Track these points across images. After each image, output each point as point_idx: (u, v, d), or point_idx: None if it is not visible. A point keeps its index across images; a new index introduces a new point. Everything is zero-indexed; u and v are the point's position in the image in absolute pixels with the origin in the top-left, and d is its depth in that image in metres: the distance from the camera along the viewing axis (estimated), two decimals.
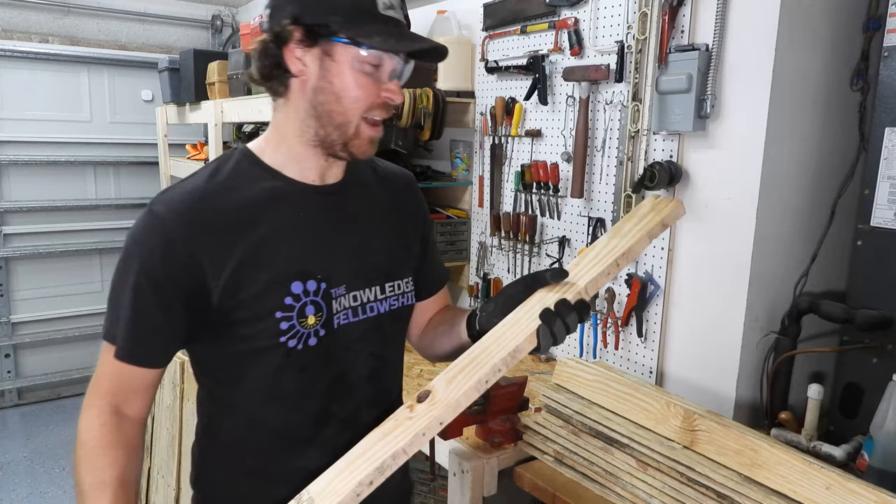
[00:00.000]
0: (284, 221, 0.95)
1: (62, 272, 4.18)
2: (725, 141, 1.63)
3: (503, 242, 2.34)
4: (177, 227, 0.89)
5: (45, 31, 3.95)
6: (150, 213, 0.91)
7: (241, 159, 0.98)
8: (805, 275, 1.70)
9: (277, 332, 0.92)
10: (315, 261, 0.96)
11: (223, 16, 4.52)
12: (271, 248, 0.93)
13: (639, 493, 1.29)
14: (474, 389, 0.85)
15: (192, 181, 0.95)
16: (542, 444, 1.49)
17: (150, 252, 0.89)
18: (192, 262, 0.88)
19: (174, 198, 0.92)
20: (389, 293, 1.05)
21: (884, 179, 1.49)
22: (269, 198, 0.95)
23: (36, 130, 3.98)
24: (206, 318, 0.92)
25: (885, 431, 1.30)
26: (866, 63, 1.65)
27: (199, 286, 0.89)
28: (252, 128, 3.14)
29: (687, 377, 1.77)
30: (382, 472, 0.81)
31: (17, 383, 4.08)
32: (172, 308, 0.90)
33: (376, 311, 1.03)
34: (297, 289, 0.93)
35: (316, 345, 0.96)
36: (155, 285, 0.89)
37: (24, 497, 3.12)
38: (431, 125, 2.27)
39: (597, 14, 1.92)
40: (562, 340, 0.91)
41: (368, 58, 0.90)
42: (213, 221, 0.91)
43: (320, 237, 0.98)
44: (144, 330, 0.91)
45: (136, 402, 0.95)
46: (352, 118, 0.92)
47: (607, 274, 0.93)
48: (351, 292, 1.00)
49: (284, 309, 0.92)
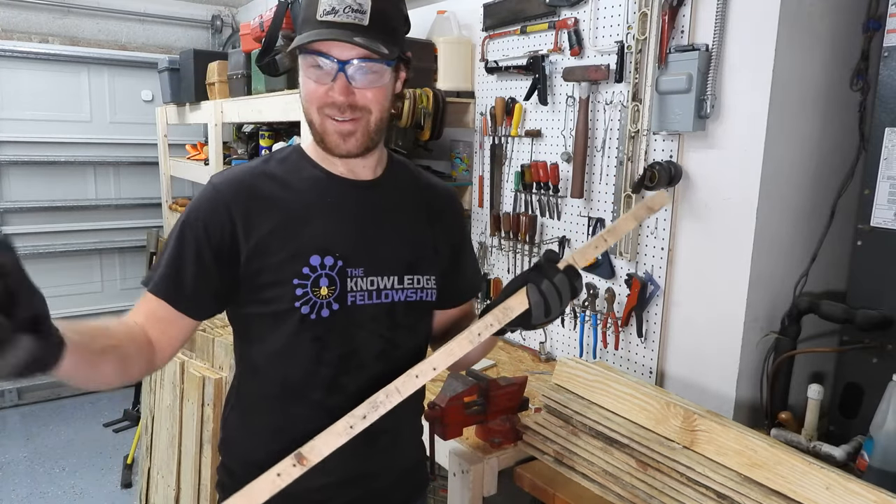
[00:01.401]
0: (314, 203, 1.07)
1: (62, 272, 4.18)
2: (725, 141, 1.63)
3: (503, 242, 2.34)
4: (225, 192, 1.04)
5: (45, 31, 3.95)
6: (210, 184, 1.07)
7: (292, 152, 1.14)
8: (805, 275, 1.70)
9: (293, 297, 1.02)
10: (336, 241, 1.06)
11: (223, 16, 4.52)
12: (299, 224, 1.05)
13: (639, 493, 1.29)
14: (466, 340, 0.92)
15: (249, 164, 1.11)
16: (542, 444, 1.49)
17: (198, 210, 1.03)
18: (229, 222, 1.02)
19: (231, 173, 1.09)
20: (408, 284, 1.12)
21: (884, 179, 1.49)
22: (306, 183, 1.08)
23: (36, 130, 3.99)
24: (236, 276, 1.03)
25: (885, 431, 1.30)
26: (866, 63, 1.65)
27: (232, 244, 1.02)
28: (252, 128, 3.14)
29: (687, 377, 1.77)
30: (376, 407, 0.89)
31: (17, 383, 4.08)
32: (203, 261, 1.01)
33: (391, 299, 1.10)
34: (314, 261, 1.04)
35: (329, 317, 1.04)
36: (194, 238, 1.01)
37: (24, 497, 3.11)
38: (431, 125, 2.27)
39: (597, 14, 1.92)
40: (556, 307, 0.94)
41: (306, 63, 1.01)
42: (255, 194, 1.05)
43: (345, 222, 1.08)
44: (175, 271, 1.02)
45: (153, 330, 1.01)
46: (311, 118, 1.04)
47: (595, 247, 0.97)
48: (369, 276, 1.08)
49: (301, 277, 1.03)
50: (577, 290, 0.95)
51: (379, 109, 1.04)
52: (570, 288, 0.94)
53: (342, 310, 1.05)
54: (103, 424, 3.84)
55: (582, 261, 0.97)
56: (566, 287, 0.94)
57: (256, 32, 2.53)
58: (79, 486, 3.22)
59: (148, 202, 4.32)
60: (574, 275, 0.95)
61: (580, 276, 0.96)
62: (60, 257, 4.15)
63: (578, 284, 0.95)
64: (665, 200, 1.04)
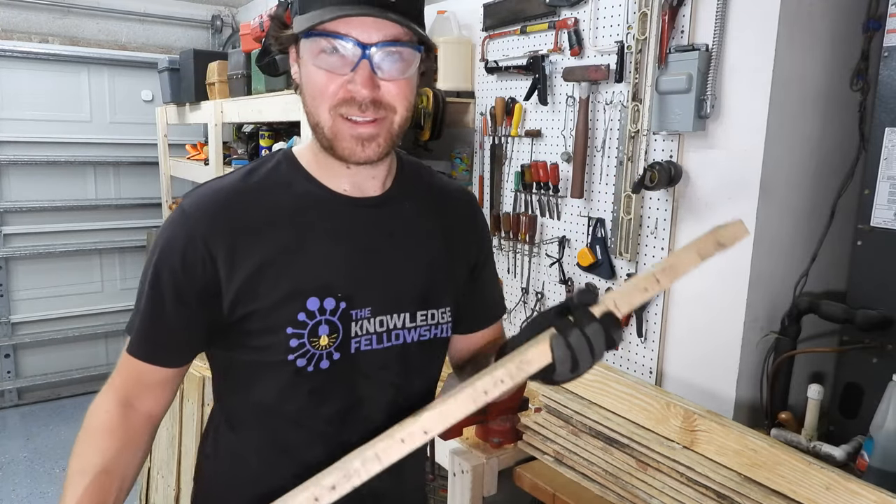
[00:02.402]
0: (311, 231, 0.88)
1: (62, 272, 4.18)
2: (725, 141, 1.63)
3: (503, 242, 2.34)
4: (199, 222, 0.85)
5: (45, 31, 3.95)
6: (179, 209, 0.88)
7: (280, 161, 0.93)
8: (805, 275, 1.70)
9: (286, 349, 0.86)
10: (338, 277, 0.88)
11: (223, 16, 4.52)
12: (293, 258, 0.87)
13: (639, 493, 1.29)
14: (469, 399, 0.73)
15: (227, 179, 0.91)
16: (542, 444, 1.49)
17: (171, 245, 0.85)
18: (208, 259, 0.84)
19: (204, 194, 0.88)
20: (420, 322, 0.95)
21: (884, 179, 1.49)
22: (299, 204, 0.89)
23: (36, 130, 3.98)
24: (219, 322, 0.87)
25: (885, 431, 1.30)
26: (866, 63, 1.64)
27: (213, 285, 0.85)
28: (252, 128, 3.14)
29: (687, 377, 1.77)
30: (349, 477, 0.72)
31: (17, 383, 4.08)
32: (187, 304, 0.86)
33: (402, 340, 0.93)
34: (312, 305, 0.86)
35: (329, 368, 0.88)
36: (172, 279, 0.85)
37: (24, 497, 3.11)
38: (431, 125, 2.27)
39: (597, 14, 1.92)
40: (585, 362, 0.74)
41: (318, 48, 0.81)
42: (237, 222, 0.86)
43: (349, 253, 0.90)
44: (158, 326, 0.88)
45: (147, 399, 0.91)
46: (319, 118, 0.84)
47: (644, 290, 0.76)
48: (377, 316, 0.91)
49: (296, 325, 0.86)
50: (614, 342, 0.75)
51: (405, 108, 0.86)
52: (607, 340, 0.74)
53: (345, 358, 0.89)
54: None
55: (625, 306, 0.76)
56: (601, 339, 0.74)
57: (256, 32, 2.53)
58: None
59: (148, 202, 4.32)
60: (612, 324, 0.74)
61: (620, 327, 0.75)
62: (60, 257, 4.15)
63: (617, 336, 0.75)
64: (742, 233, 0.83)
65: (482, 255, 1.06)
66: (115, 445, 0.88)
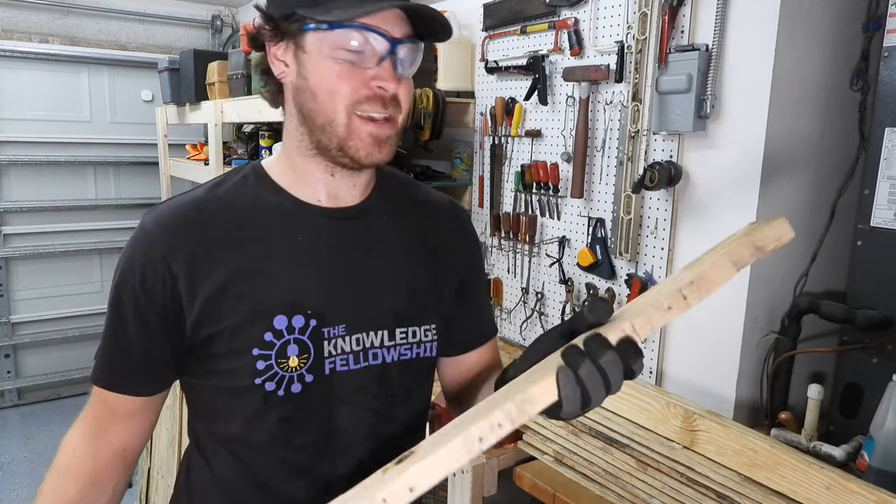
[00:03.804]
0: (280, 246, 0.83)
1: (62, 272, 4.18)
2: (725, 141, 1.63)
3: (503, 242, 2.34)
4: (159, 239, 0.80)
5: (45, 31, 3.95)
6: (140, 226, 0.83)
7: (248, 174, 0.88)
8: (805, 275, 1.70)
9: (253, 371, 0.80)
10: (308, 294, 0.82)
11: (223, 16, 4.52)
12: (259, 274, 0.81)
13: (639, 493, 1.29)
14: (462, 448, 0.59)
15: (191, 193, 0.86)
16: (542, 444, 1.49)
17: (130, 266, 0.81)
18: (169, 278, 0.79)
19: (165, 210, 0.83)
20: (401, 340, 0.89)
21: (884, 179, 1.49)
22: (268, 218, 0.84)
23: (36, 130, 3.98)
24: (183, 346, 0.82)
25: (885, 431, 1.30)
26: (866, 63, 1.65)
27: (174, 306, 0.80)
28: (252, 128, 3.14)
29: (687, 377, 1.77)
30: None
31: (17, 383, 4.08)
32: (149, 327, 0.81)
33: (381, 359, 0.87)
34: (280, 324, 0.80)
35: (301, 392, 0.82)
36: (133, 300, 0.80)
37: (24, 497, 3.11)
38: (431, 125, 2.27)
39: (597, 14, 1.92)
40: (598, 397, 0.61)
41: (342, 41, 0.76)
42: (199, 238, 0.81)
43: (320, 267, 0.84)
44: (120, 351, 0.83)
45: (117, 431, 0.86)
46: (333, 116, 0.78)
47: (667, 309, 0.62)
48: (353, 335, 0.85)
49: (263, 346, 0.80)
50: (633, 373, 0.62)
51: (408, 107, 0.83)
52: (625, 371, 0.61)
53: (318, 381, 0.82)
54: None
55: (645, 328, 0.63)
56: (617, 372, 0.60)
57: None
58: None
59: (148, 202, 4.31)
60: (631, 353, 0.61)
61: (639, 355, 0.61)
62: (60, 257, 4.15)
63: (637, 367, 0.61)
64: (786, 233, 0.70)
65: (471, 272, 1.00)
66: (76, 488, 0.85)
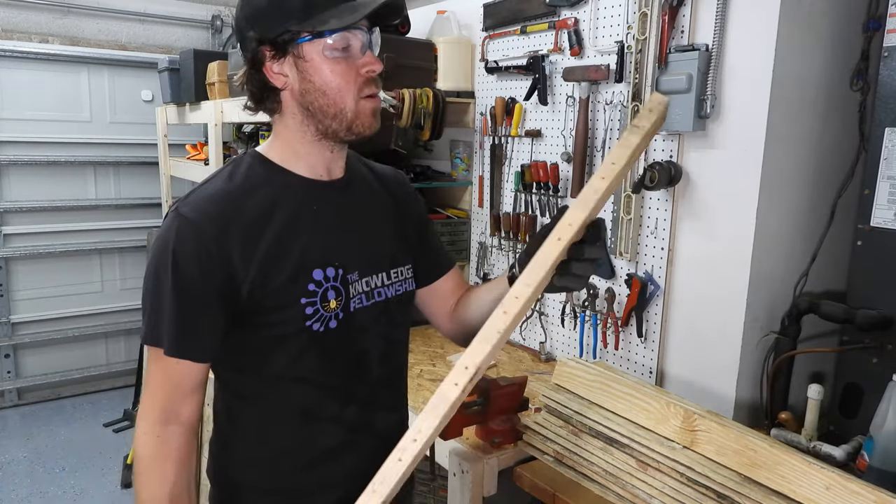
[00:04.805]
0: (301, 215, 1.01)
1: (62, 272, 4.17)
2: (725, 141, 1.63)
3: (503, 242, 2.34)
4: (208, 227, 0.94)
5: (45, 31, 3.95)
6: (180, 217, 0.95)
7: (252, 162, 1.04)
8: (805, 275, 1.70)
9: (303, 316, 0.98)
10: (332, 250, 1.02)
11: (223, 16, 4.52)
12: (292, 240, 0.99)
13: (639, 493, 1.29)
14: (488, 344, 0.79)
15: (213, 185, 1.00)
16: (542, 444, 1.49)
17: (184, 254, 0.93)
18: (223, 259, 0.94)
19: (200, 201, 0.97)
20: (395, 279, 1.12)
21: (884, 179, 1.49)
22: (284, 195, 1.01)
23: (36, 130, 3.98)
24: (238, 310, 0.97)
25: (885, 431, 1.31)
26: (866, 63, 1.65)
27: (230, 281, 0.95)
28: (252, 128, 3.14)
29: (687, 377, 1.77)
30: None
31: (17, 383, 4.08)
32: (211, 304, 0.95)
33: (384, 296, 1.09)
34: (318, 275, 1.00)
35: (336, 327, 1.02)
36: (194, 285, 0.94)
37: (24, 497, 3.11)
38: (431, 125, 2.27)
39: (597, 14, 1.92)
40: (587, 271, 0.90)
41: (333, 43, 0.95)
42: (239, 220, 0.96)
43: (334, 228, 1.04)
44: (190, 326, 0.96)
45: (186, 406, 0.99)
46: (343, 105, 0.97)
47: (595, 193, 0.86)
48: (363, 278, 1.06)
49: (308, 295, 0.99)
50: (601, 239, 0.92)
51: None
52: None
53: (346, 318, 1.03)
54: (103, 424, 3.84)
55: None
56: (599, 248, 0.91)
57: None
58: (79, 486, 3.22)
59: (148, 202, 4.31)
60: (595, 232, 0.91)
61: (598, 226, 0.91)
62: (60, 257, 4.15)
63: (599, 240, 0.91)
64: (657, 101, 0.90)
65: (423, 219, 1.25)
66: (173, 469, 0.98)
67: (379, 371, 1.10)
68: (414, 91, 2.21)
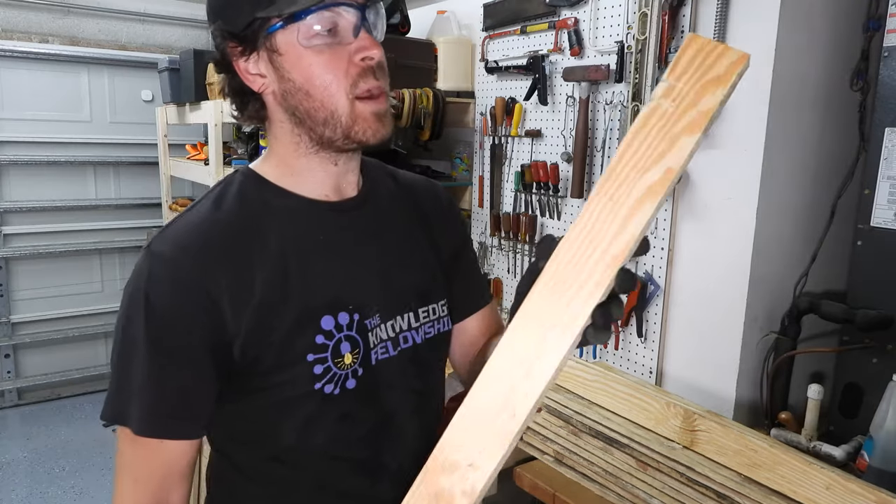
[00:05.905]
0: (304, 247, 0.80)
1: (62, 272, 4.17)
2: (725, 141, 1.63)
3: (503, 242, 2.34)
4: (186, 265, 0.73)
5: (45, 31, 3.95)
6: (151, 256, 0.74)
7: (244, 181, 0.83)
8: (805, 275, 1.70)
9: (311, 377, 0.77)
10: (344, 289, 0.81)
11: None
12: (294, 279, 0.78)
13: (639, 493, 1.29)
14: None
15: (195, 212, 0.79)
16: (542, 444, 1.49)
17: (157, 301, 0.72)
18: (209, 303, 0.73)
19: (178, 232, 0.76)
20: (424, 319, 0.89)
21: (884, 179, 1.49)
22: (283, 221, 0.80)
23: (36, 130, 3.98)
24: (231, 369, 0.76)
25: (885, 431, 1.30)
26: (866, 63, 1.65)
27: (220, 332, 0.74)
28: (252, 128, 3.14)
29: (687, 377, 1.77)
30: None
31: (17, 383, 4.07)
32: (197, 362, 0.74)
33: (411, 342, 0.87)
34: (328, 324, 0.78)
35: (355, 387, 0.81)
36: (174, 337, 0.73)
37: (24, 497, 3.11)
38: (431, 125, 2.27)
39: (597, 14, 1.92)
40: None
41: (314, 26, 0.73)
42: (227, 255, 0.75)
43: (346, 261, 0.83)
44: (166, 393, 0.74)
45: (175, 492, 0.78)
46: (334, 106, 0.76)
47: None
48: (387, 322, 0.84)
49: (317, 349, 0.77)
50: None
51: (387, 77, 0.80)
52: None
53: (367, 373, 0.82)
54: (103, 424, 3.81)
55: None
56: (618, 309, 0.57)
57: None
58: (79, 486, 3.22)
59: (148, 202, 4.31)
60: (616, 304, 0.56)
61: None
62: (60, 257, 4.14)
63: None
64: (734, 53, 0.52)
65: (461, 241, 1.01)
66: None
67: (411, 431, 0.88)
68: (414, 91, 2.21)
